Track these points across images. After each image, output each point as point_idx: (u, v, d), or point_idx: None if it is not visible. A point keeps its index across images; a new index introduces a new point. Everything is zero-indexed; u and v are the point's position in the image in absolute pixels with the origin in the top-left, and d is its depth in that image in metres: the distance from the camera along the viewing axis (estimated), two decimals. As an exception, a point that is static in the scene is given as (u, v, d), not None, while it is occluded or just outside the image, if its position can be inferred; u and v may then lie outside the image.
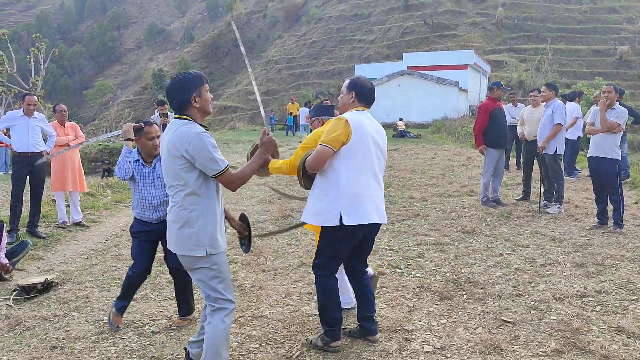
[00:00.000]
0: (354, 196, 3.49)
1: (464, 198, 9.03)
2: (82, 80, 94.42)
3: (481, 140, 8.38)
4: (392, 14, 63.23)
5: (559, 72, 41.19)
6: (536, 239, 6.36)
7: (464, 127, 23.58)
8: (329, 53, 60.54)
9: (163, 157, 3.16)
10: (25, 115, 7.20)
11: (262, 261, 5.86)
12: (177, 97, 3.12)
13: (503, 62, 45.13)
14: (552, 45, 45.43)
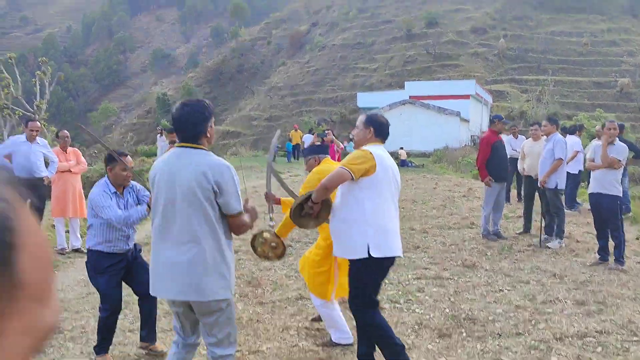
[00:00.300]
0: (381, 228, 3.52)
1: (464, 230, 9.00)
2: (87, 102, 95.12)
3: (485, 172, 8.37)
4: (394, 43, 63.91)
5: (560, 103, 41.48)
6: (537, 274, 6.33)
7: (465, 157, 23.67)
8: (332, 80, 61.03)
9: (182, 191, 2.89)
10: (27, 141, 7.24)
11: (260, 293, 5.82)
12: (195, 126, 2.95)
13: (505, 93, 45.46)
14: (553, 76, 45.84)
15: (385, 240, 3.53)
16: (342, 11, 74.50)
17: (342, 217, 3.63)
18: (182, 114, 2.95)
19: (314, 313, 4.95)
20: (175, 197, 2.92)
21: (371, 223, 3.51)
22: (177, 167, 2.93)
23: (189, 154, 2.95)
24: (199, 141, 2.98)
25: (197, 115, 2.95)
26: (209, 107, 3.04)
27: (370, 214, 3.51)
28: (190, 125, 2.95)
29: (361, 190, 3.54)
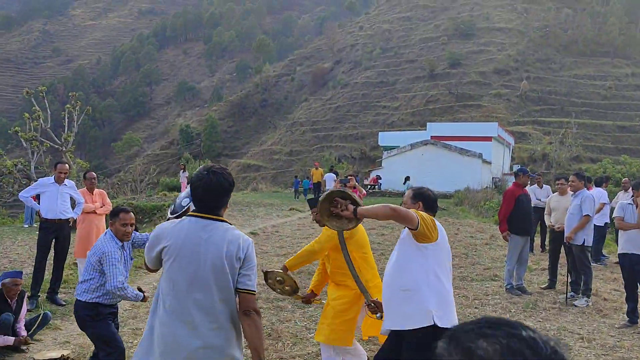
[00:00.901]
0: (443, 298, 3.44)
1: (487, 283, 8.84)
2: (112, 132, 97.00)
3: (506, 226, 8.28)
4: (417, 82, 64.38)
5: (583, 147, 41.13)
6: (563, 336, 6.15)
7: (487, 200, 23.45)
8: (353, 118, 61.47)
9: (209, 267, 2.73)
10: (55, 183, 7.35)
11: (280, 347, 5.74)
12: (221, 198, 2.82)
13: (527, 134, 45.26)
14: (577, 119, 45.61)
15: (446, 310, 3.43)
16: (365, 50, 75.43)
17: (402, 284, 3.49)
18: (211, 182, 2.74)
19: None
20: (199, 273, 2.73)
21: (434, 292, 3.40)
22: (201, 241, 2.74)
23: (212, 227, 2.78)
24: (220, 212, 2.84)
25: (226, 187, 2.79)
26: (231, 176, 2.89)
27: (434, 282, 3.42)
28: (215, 197, 2.79)
29: (425, 257, 3.45)
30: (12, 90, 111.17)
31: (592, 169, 30.43)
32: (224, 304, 2.77)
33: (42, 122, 21.52)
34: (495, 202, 21.99)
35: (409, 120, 55.14)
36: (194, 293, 2.73)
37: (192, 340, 2.70)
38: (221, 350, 2.74)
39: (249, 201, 22.49)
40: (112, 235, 4.34)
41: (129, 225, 4.35)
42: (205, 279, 2.73)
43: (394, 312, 3.52)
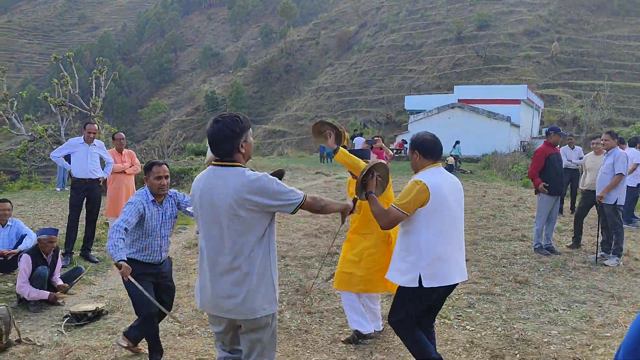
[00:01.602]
0: (434, 260, 3.52)
1: (515, 243, 8.77)
2: (138, 99, 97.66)
3: (539, 180, 8.05)
4: (444, 45, 63.13)
5: (615, 110, 40.06)
6: (593, 294, 6.09)
7: (515, 164, 23.11)
8: (378, 82, 60.76)
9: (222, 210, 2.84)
10: (85, 143, 7.45)
11: (308, 302, 5.81)
12: (227, 144, 2.89)
13: (557, 98, 44.22)
14: (610, 81, 44.28)
15: (440, 269, 3.53)
16: (391, 12, 74.08)
17: (400, 244, 3.71)
18: (214, 131, 2.89)
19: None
20: (215, 218, 2.86)
21: (425, 254, 3.52)
22: (214, 188, 2.87)
23: (223, 173, 2.88)
24: (233, 158, 2.91)
25: (228, 132, 2.87)
26: (241, 121, 2.92)
27: (425, 246, 3.53)
28: (222, 143, 2.89)
29: (419, 221, 3.54)
30: (39, 58, 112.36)
31: (624, 132, 29.65)
32: (243, 249, 2.83)
33: (70, 88, 21.69)
34: (523, 166, 21.68)
35: (436, 84, 54.30)
36: (214, 239, 2.89)
37: (214, 287, 2.90)
38: (242, 298, 2.84)
39: (275, 166, 22.58)
40: (147, 190, 4.29)
41: (163, 177, 4.20)
42: (220, 224, 2.85)
43: (393, 265, 3.75)
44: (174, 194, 4.42)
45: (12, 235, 6.66)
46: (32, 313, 5.58)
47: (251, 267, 2.84)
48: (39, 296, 5.64)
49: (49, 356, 4.51)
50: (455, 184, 3.74)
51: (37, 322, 5.36)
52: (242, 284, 2.83)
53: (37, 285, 5.64)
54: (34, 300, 5.65)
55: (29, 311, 5.62)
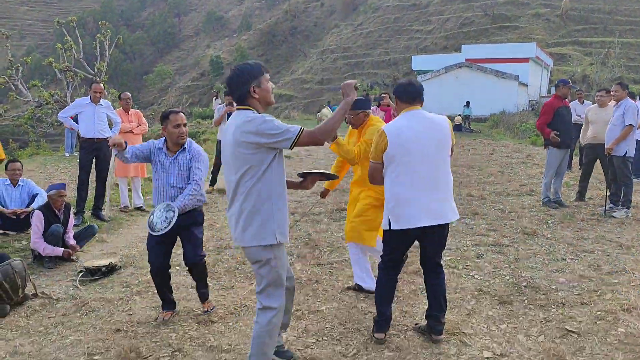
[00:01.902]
0: (396, 203, 3.62)
1: (523, 198, 8.78)
2: (143, 65, 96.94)
3: (548, 130, 7.96)
4: (450, 4, 61.86)
5: (626, 67, 39.36)
6: (601, 244, 6.12)
7: (523, 122, 22.93)
8: (385, 43, 59.87)
9: (229, 149, 3.06)
10: (92, 102, 7.44)
11: (317, 254, 5.88)
12: (238, 88, 3.07)
13: (567, 56, 43.49)
14: (620, 38, 43.40)
15: (403, 212, 3.59)
16: (397, -29, 72.37)
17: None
18: (228, 77, 3.13)
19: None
20: (226, 157, 3.13)
21: (390, 197, 3.65)
22: (228, 128, 3.11)
23: (235, 115, 3.10)
24: (245, 102, 3.08)
25: (239, 78, 3.06)
26: (251, 67, 3.07)
27: (389, 189, 3.68)
28: (234, 88, 3.09)
29: (385, 167, 3.71)
30: (42, 25, 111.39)
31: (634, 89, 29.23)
32: (241, 184, 3.03)
33: (74, 53, 21.55)
34: (532, 124, 21.51)
35: (443, 45, 53.45)
36: (226, 176, 3.16)
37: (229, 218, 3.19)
38: (240, 229, 3.06)
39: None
40: (164, 142, 4.25)
41: (181, 125, 4.16)
42: (229, 162, 3.10)
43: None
44: (192, 149, 4.27)
45: (24, 194, 6.73)
46: (46, 269, 5.69)
47: (246, 203, 3.01)
48: (53, 252, 5.73)
49: (65, 308, 4.62)
50: (430, 125, 3.65)
51: (52, 278, 5.46)
52: (239, 217, 3.05)
53: (51, 243, 5.73)
54: (49, 256, 5.74)
55: (44, 267, 5.72)
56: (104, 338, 3.94)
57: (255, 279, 3.18)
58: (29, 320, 4.40)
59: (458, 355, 3.59)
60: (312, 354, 3.62)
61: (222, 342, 3.86)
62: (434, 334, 3.79)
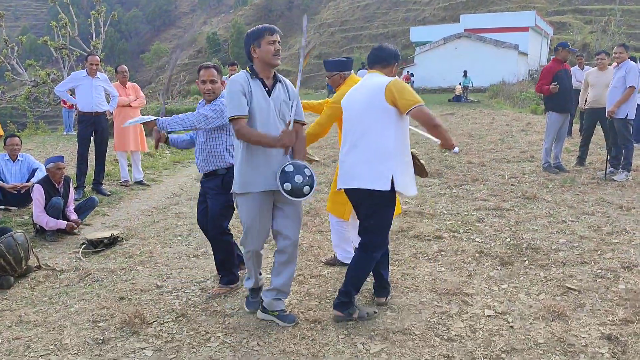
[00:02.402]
0: (340, 164, 3.66)
1: (523, 164, 8.77)
2: (139, 43, 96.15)
3: (546, 87, 7.83)
4: (449, -27, 61.04)
5: (627, 35, 38.94)
6: (602, 206, 6.12)
7: (522, 92, 22.80)
8: (383, 15, 59.29)
9: None
10: (88, 76, 7.38)
11: (318, 222, 5.89)
12: (245, 50, 3.38)
13: (567, 24, 43.05)
14: (621, 5, 42.92)
15: (339, 173, 3.66)
16: (394, -59, 71.29)
17: None
18: None
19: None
20: None
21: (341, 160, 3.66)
22: None
23: None
24: (251, 62, 3.43)
25: (245, 40, 3.42)
26: (254, 29, 3.37)
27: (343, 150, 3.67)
28: (244, 48, 3.43)
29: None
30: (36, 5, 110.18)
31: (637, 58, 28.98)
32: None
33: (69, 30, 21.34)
34: (531, 93, 21.38)
35: (441, 16, 52.93)
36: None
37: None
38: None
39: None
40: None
41: (208, 82, 3.96)
42: None
43: None
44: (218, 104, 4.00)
45: (23, 169, 6.72)
46: (49, 242, 5.71)
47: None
48: (56, 225, 5.75)
49: (69, 279, 4.64)
50: (365, 88, 3.51)
51: (54, 250, 5.48)
52: None
53: (52, 215, 5.74)
54: (52, 229, 5.76)
55: (46, 240, 5.74)
56: (107, 306, 3.97)
57: None
58: (33, 291, 4.43)
59: (460, 314, 3.62)
60: (315, 316, 3.64)
61: (225, 307, 3.89)
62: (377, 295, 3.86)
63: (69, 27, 20.99)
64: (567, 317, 3.48)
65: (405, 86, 3.41)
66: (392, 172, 3.37)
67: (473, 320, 3.51)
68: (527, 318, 3.51)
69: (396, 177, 3.37)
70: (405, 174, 3.46)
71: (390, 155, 3.39)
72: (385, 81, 3.41)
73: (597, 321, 3.43)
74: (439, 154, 9.67)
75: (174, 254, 5.11)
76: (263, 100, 3.31)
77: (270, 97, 3.35)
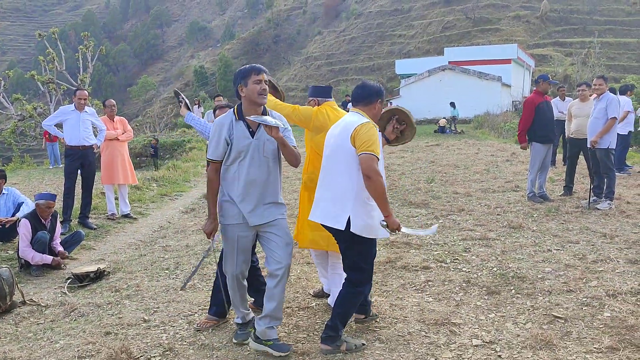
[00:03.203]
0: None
1: (509, 194, 8.87)
2: (126, 77, 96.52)
3: (524, 137, 8.21)
4: (432, 8, 62.44)
5: (606, 66, 39.90)
6: (586, 235, 6.20)
7: (507, 122, 23.15)
8: (368, 49, 60.23)
9: None
10: (76, 110, 7.42)
11: (306, 254, 5.90)
12: (234, 88, 3.52)
13: (548, 57, 44.02)
14: (600, 38, 44.06)
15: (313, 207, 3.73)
16: (378, -23, 72.89)
17: None
18: None
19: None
20: None
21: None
22: None
23: None
24: (240, 99, 3.55)
25: (234, 78, 3.55)
26: (242, 69, 3.49)
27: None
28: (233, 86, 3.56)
29: None
30: (24, 40, 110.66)
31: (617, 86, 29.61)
32: None
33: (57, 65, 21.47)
34: (515, 124, 21.69)
35: (426, 49, 53.87)
36: None
37: None
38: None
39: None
40: None
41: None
42: None
43: None
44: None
45: (8, 203, 6.69)
46: (34, 277, 5.65)
47: None
48: (42, 260, 5.70)
49: (54, 314, 4.59)
50: (339, 127, 3.59)
51: (40, 285, 5.43)
52: None
53: (38, 250, 5.70)
54: (37, 264, 5.70)
55: (31, 275, 5.69)
56: (94, 341, 3.92)
57: None
58: (17, 327, 4.38)
59: (448, 344, 3.63)
60: (304, 348, 3.63)
61: (213, 340, 3.86)
62: None
63: (56, 61, 21.13)
64: (554, 345, 3.50)
65: (372, 133, 3.39)
66: (349, 213, 3.41)
67: (461, 350, 3.52)
68: (515, 347, 3.53)
69: (353, 219, 3.40)
70: (364, 216, 3.45)
71: (349, 196, 3.44)
72: (356, 123, 3.46)
73: (583, 349, 3.46)
74: (425, 184, 9.76)
75: (161, 288, 5.08)
76: (245, 141, 3.45)
77: (254, 138, 3.47)
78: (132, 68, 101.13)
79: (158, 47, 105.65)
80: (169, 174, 12.52)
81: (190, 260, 5.86)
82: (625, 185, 9.33)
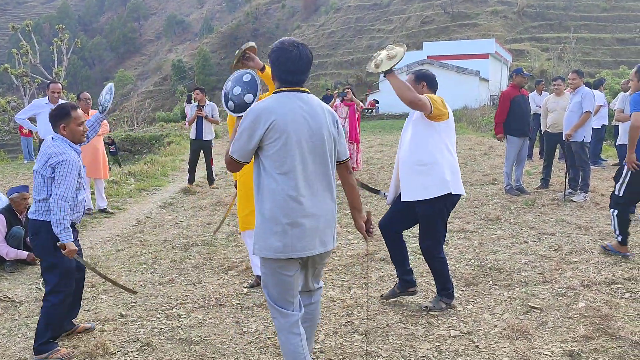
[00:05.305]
0: (454, 167, 4.03)
1: (486, 187, 8.96)
2: (103, 71, 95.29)
3: (501, 128, 8.28)
4: (411, 3, 62.72)
5: (582, 61, 40.53)
6: (562, 227, 6.29)
7: (484, 116, 23.37)
8: (347, 43, 60.31)
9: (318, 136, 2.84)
10: (50, 103, 7.29)
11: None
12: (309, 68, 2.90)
13: (525, 51, 44.55)
14: (575, 34, 44.72)
15: (457, 179, 3.94)
16: (357, -29, 72.92)
17: (419, 159, 3.86)
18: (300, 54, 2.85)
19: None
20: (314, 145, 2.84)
21: (448, 164, 3.85)
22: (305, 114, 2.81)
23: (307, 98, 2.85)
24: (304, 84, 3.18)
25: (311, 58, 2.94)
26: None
27: (447, 156, 3.87)
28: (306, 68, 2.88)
29: (438, 134, 3.86)
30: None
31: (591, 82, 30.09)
32: (332, 171, 2.86)
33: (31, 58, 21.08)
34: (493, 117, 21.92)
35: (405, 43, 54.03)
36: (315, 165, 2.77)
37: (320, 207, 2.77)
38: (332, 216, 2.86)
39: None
40: None
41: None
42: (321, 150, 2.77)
43: (413, 184, 3.89)
44: None
45: (-19, 199, 6.54)
46: (8, 273, 5.55)
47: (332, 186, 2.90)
48: (17, 255, 5.60)
49: (29, 311, 4.52)
50: None
51: (14, 281, 5.33)
52: (333, 201, 2.94)
53: (12, 245, 5.60)
54: (11, 260, 5.60)
55: (5, 271, 5.58)
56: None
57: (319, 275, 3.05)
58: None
59: (426, 335, 3.65)
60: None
61: (192, 334, 3.84)
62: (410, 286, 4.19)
63: (30, 54, 20.75)
64: (530, 335, 3.55)
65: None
66: None
67: (439, 341, 3.55)
68: (492, 337, 3.57)
69: None
70: None
71: None
72: None
73: (559, 338, 3.51)
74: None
75: (139, 282, 5.03)
76: None
77: None
78: (108, 62, 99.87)
79: (135, 40, 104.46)
80: (147, 169, 12.36)
81: (169, 255, 5.81)
82: (600, 178, 9.48)
